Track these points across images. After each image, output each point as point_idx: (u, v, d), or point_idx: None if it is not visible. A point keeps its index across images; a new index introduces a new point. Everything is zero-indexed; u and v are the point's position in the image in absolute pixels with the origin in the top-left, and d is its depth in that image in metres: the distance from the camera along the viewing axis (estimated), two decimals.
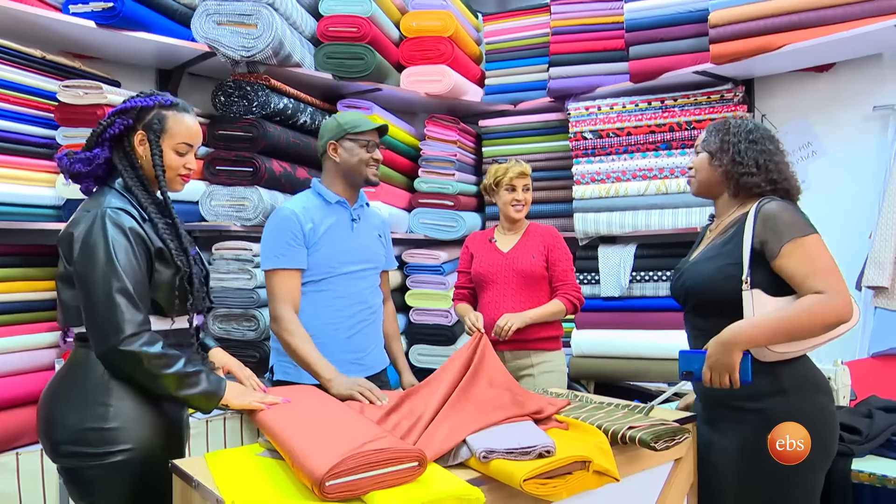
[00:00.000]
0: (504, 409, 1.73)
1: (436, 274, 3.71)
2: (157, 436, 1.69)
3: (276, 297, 2.20)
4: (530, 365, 2.64)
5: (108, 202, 1.68)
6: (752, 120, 1.97)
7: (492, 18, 4.17)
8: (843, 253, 3.16)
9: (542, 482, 1.44)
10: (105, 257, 1.61)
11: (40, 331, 2.47)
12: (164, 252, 1.72)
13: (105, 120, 1.75)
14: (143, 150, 1.77)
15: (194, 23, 2.90)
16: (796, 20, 2.98)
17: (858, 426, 2.24)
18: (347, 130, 2.32)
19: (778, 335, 1.71)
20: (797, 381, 1.80)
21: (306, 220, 2.25)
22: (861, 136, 3.22)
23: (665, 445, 1.66)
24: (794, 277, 1.73)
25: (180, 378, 1.64)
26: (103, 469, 1.61)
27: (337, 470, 1.28)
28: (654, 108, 3.50)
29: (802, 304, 1.69)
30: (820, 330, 1.71)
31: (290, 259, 2.22)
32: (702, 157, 1.97)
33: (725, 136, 1.91)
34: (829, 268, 1.72)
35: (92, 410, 1.62)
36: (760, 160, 1.86)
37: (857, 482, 2.12)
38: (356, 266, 2.35)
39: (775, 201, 1.81)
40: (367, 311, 2.38)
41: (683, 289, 1.95)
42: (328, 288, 2.29)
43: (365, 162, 2.33)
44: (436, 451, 1.51)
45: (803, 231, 1.75)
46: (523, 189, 2.70)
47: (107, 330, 1.60)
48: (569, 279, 2.67)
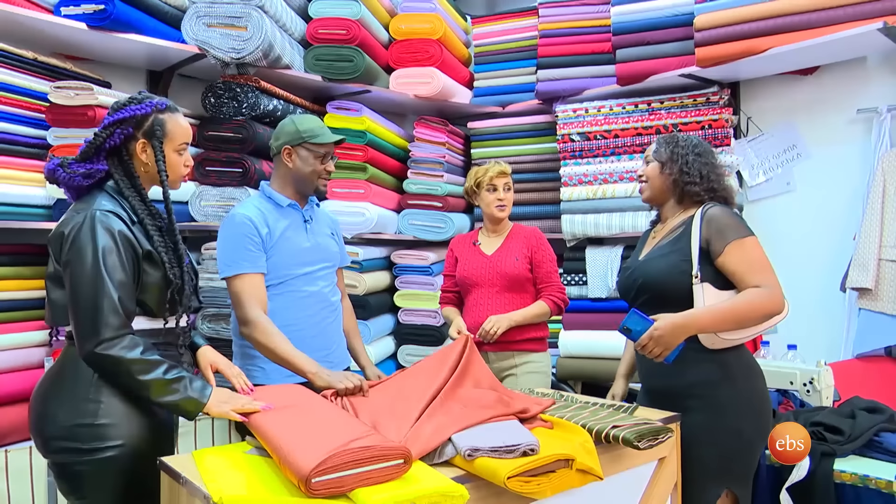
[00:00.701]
0: (490, 409, 1.74)
1: (424, 275, 3.73)
2: (147, 432, 1.71)
3: (245, 302, 2.15)
4: (514, 366, 2.64)
5: (99, 204, 1.69)
6: (695, 136, 2.23)
7: (480, 21, 4.18)
8: (828, 255, 3.25)
9: (526, 480, 1.45)
10: (92, 259, 1.62)
11: (30, 329, 2.48)
12: (152, 255, 1.73)
13: (103, 131, 1.75)
14: (145, 157, 1.78)
15: (184, 25, 2.91)
16: (781, 24, 3.01)
17: (841, 426, 2.27)
18: (305, 139, 2.27)
19: (725, 323, 1.92)
20: (743, 369, 2.02)
21: (262, 225, 2.22)
22: (845, 138, 3.26)
23: (648, 444, 1.68)
24: (735, 274, 1.96)
25: (160, 384, 1.64)
26: (93, 465, 1.63)
27: (323, 467, 1.30)
28: (640, 110, 3.53)
29: (745, 296, 1.92)
30: (761, 318, 1.94)
31: (253, 263, 2.19)
32: (653, 166, 2.17)
33: (675, 149, 2.13)
34: (765, 266, 1.96)
35: (83, 407, 1.64)
36: (704, 171, 2.09)
37: (840, 482, 2.16)
38: (314, 266, 2.34)
39: (718, 206, 2.05)
40: (329, 308, 2.38)
41: (635, 285, 2.12)
42: (289, 290, 2.28)
43: (318, 173, 2.31)
44: (421, 449, 1.52)
45: (743, 233, 1.98)
46: (504, 188, 2.70)
47: (87, 332, 1.62)
48: (553, 280, 2.68)
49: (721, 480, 2.00)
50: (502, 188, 2.70)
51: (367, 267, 3.55)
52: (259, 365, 2.25)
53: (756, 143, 3.47)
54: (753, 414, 1.99)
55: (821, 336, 3.19)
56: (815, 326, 3.18)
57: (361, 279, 3.44)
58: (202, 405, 1.67)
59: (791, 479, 2.18)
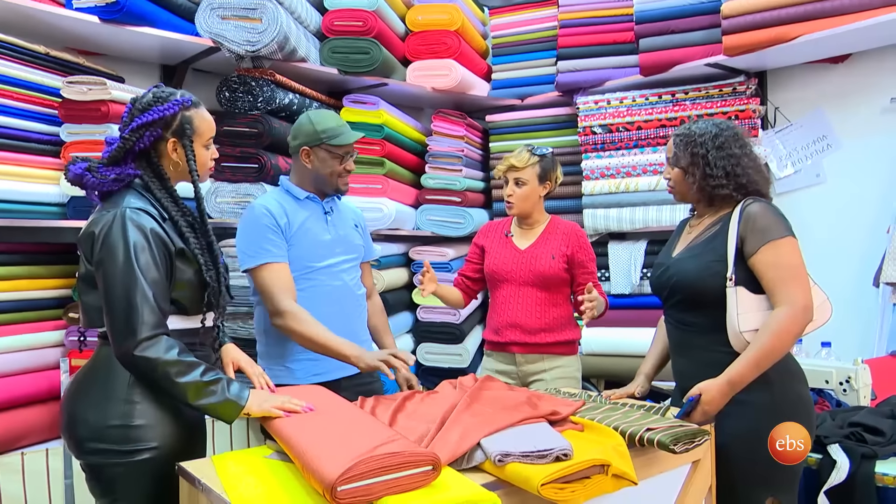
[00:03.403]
0: (518, 411, 1.68)
1: (443, 271, 3.66)
2: (182, 434, 1.68)
3: (274, 292, 2.10)
4: (543, 370, 2.51)
5: (128, 202, 1.66)
6: (713, 121, 2.03)
7: (498, 12, 4.12)
8: (860, 248, 3.17)
9: (561, 486, 1.39)
10: (124, 258, 1.60)
11: (45, 329, 2.45)
12: (185, 252, 1.71)
13: (132, 134, 1.71)
14: (176, 157, 1.76)
15: (198, 17, 2.87)
16: (811, 10, 2.92)
17: (881, 427, 2.19)
18: (324, 140, 2.23)
19: (764, 364, 1.83)
20: (783, 373, 1.91)
21: (280, 216, 2.18)
22: (878, 128, 3.17)
23: (684, 448, 1.62)
24: (763, 278, 1.87)
25: (197, 387, 1.60)
26: (128, 467, 1.60)
27: (349, 475, 1.24)
28: (664, 101, 3.46)
29: (769, 330, 1.82)
30: (792, 341, 1.85)
31: (277, 253, 2.15)
32: (676, 173, 2.04)
33: (694, 149, 1.97)
34: (794, 275, 1.85)
35: (117, 408, 1.61)
36: (729, 167, 1.95)
37: (882, 485, 2.09)
38: (336, 258, 2.29)
39: (757, 202, 1.93)
40: (355, 303, 2.33)
41: (669, 284, 2.02)
42: (312, 285, 2.23)
43: (338, 174, 2.27)
44: (450, 455, 1.46)
45: (781, 234, 1.87)
46: (514, 183, 2.53)
47: (122, 332, 1.59)
48: (596, 282, 2.49)
49: (765, 488, 1.92)
50: (512, 182, 2.53)
51: (385, 263, 3.50)
52: (284, 364, 2.20)
53: (784, 134, 3.38)
54: (797, 420, 1.87)
55: (853, 333, 3.10)
56: (848, 323, 3.08)
57: (379, 276, 3.39)
58: (241, 408, 1.63)
59: (830, 481, 2.11)
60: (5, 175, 2.33)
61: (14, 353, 2.33)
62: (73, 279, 2.45)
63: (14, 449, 2.27)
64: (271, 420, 1.63)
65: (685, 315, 2.02)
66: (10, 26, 2.45)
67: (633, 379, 2.27)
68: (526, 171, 2.51)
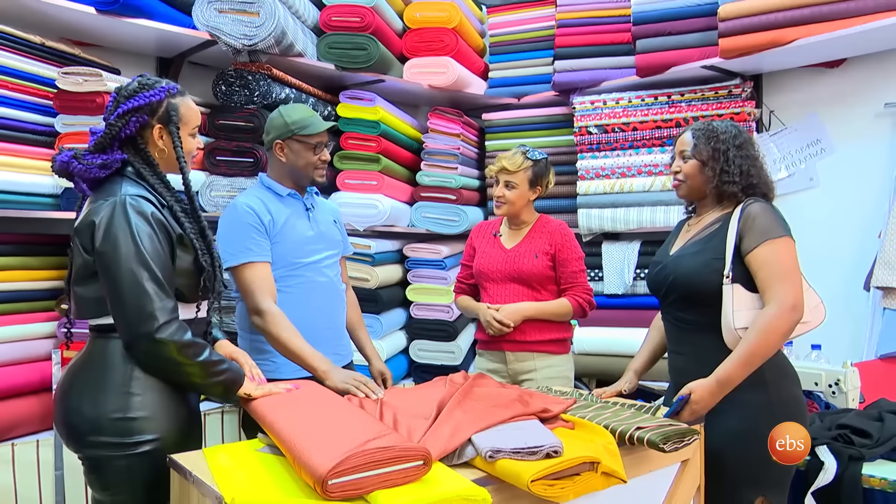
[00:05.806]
0: (509, 408, 1.69)
1: (437, 269, 3.66)
2: (181, 425, 1.69)
3: (254, 291, 2.11)
4: (533, 369, 2.50)
5: (126, 190, 1.66)
6: (731, 122, 2.08)
7: (496, 10, 4.12)
8: (852, 252, 3.18)
9: (550, 483, 1.40)
10: (131, 244, 1.59)
11: (37, 321, 2.44)
12: (184, 238, 1.71)
13: (118, 120, 1.71)
14: (162, 144, 1.76)
15: (195, 10, 2.86)
16: (808, 14, 2.93)
17: (869, 429, 2.20)
18: (294, 132, 2.23)
19: (753, 363, 1.85)
20: (776, 372, 1.94)
21: (263, 214, 2.19)
22: (872, 133, 3.18)
23: (674, 447, 1.63)
24: (757, 275, 1.90)
25: (206, 366, 1.64)
26: (130, 459, 1.60)
27: (341, 468, 1.25)
28: (660, 103, 3.46)
29: (756, 328, 1.85)
30: (781, 340, 1.87)
31: (259, 252, 2.15)
32: (693, 164, 2.05)
33: (716, 144, 2.01)
34: (786, 273, 1.87)
35: (116, 400, 1.61)
36: (744, 167, 1.99)
37: (868, 487, 2.10)
38: (320, 255, 2.30)
39: (758, 202, 1.96)
40: (339, 299, 2.35)
41: (666, 282, 2.03)
42: (299, 282, 2.24)
43: (312, 164, 2.27)
44: (441, 450, 1.47)
45: (778, 233, 1.90)
46: (504, 185, 2.50)
47: (139, 318, 1.58)
48: (578, 280, 2.51)
49: (756, 487, 1.93)
50: (502, 184, 2.51)
51: (379, 260, 3.49)
52: (270, 359, 2.21)
53: (778, 138, 3.40)
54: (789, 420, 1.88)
55: (843, 336, 3.11)
56: (838, 326, 3.05)
57: (373, 272, 3.39)
58: (239, 385, 1.71)
59: (817, 482, 2.12)
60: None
61: (5, 343, 2.32)
62: (66, 270, 2.44)
63: (5, 440, 2.26)
64: (260, 413, 1.64)
65: (683, 312, 2.03)
66: (5, 16, 2.44)
67: (623, 375, 2.28)
68: (517, 175, 2.50)
